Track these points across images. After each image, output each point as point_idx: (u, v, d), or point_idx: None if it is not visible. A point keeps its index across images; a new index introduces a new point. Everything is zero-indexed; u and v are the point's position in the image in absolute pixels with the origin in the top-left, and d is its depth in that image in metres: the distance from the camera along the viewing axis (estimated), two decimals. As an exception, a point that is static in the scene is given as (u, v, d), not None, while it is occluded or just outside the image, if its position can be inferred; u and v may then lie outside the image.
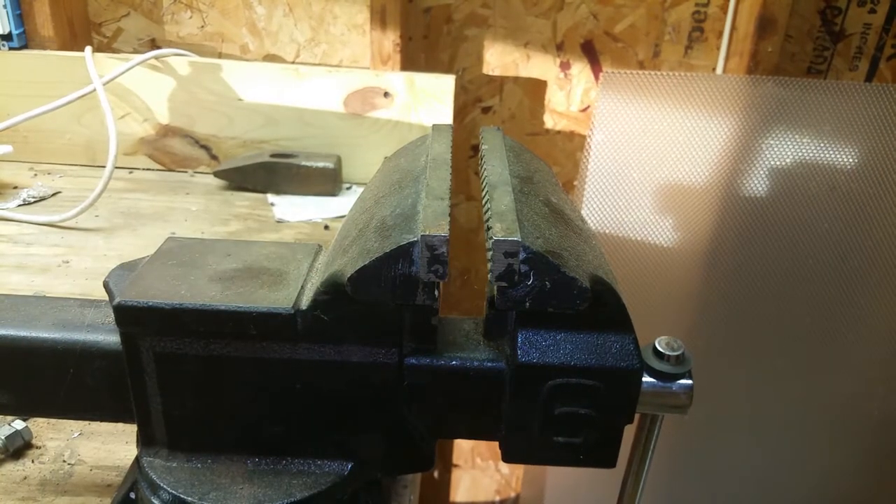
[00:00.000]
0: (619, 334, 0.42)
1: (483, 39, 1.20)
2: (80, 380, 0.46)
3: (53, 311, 0.47)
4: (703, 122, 1.14)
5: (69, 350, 0.45)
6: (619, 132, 1.16)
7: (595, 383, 0.42)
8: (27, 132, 1.10)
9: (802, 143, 1.14)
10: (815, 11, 1.15)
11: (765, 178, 1.17)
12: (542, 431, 0.44)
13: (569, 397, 0.42)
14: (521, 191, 0.45)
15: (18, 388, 0.48)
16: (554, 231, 0.42)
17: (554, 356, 0.42)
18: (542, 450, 0.44)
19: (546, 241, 0.40)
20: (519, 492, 1.64)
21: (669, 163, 1.17)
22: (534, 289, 0.39)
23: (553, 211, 0.45)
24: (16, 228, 0.94)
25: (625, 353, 0.42)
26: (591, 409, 0.43)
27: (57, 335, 0.45)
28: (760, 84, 1.12)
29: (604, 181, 1.19)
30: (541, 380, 0.42)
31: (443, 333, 0.45)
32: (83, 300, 0.49)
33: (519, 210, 0.41)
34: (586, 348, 0.42)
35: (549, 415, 0.43)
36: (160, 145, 1.13)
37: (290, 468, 0.46)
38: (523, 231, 0.39)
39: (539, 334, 0.42)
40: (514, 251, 0.38)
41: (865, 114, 1.12)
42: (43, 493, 0.54)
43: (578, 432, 0.44)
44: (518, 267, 0.38)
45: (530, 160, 0.52)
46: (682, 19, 1.17)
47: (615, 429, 0.44)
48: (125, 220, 0.99)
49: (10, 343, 0.45)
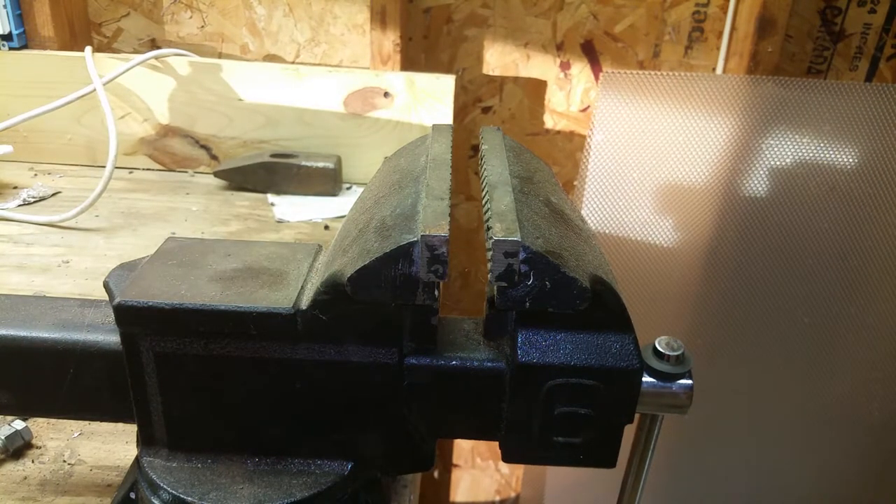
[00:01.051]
0: (618, 334, 0.42)
1: (483, 39, 1.21)
2: (81, 380, 0.46)
3: (54, 311, 0.47)
4: (703, 122, 1.14)
5: (69, 350, 0.45)
6: (619, 132, 1.16)
7: (595, 383, 0.42)
8: (27, 132, 1.11)
9: (802, 143, 1.14)
10: (815, 11, 1.15)
11: (765, 178, 1.17)
12: (542, 431, 0.44)
13: (569, 397, 0.42)
14: (522, 191, 0.45)
15: (19, 388, 0.48)
16: (554, 231, 0.42)
17: (554, 356, 0.42)
18: (541, 450, 0.44)
19: (546, 242, 0.40)
20: (519, 492, 1.64)
21: (669, 163, 1.17)
22: (534, 289, 0.39)
23: (553, 211, 0.45)
24: (16, 228, 0.94)
25: (625, 353, 0.42)
26: (591, 409, 0.43)
27: (57, 335, 0.45)
28: (760, 84, 1.12)
29: (604, 181, 1.19)
30: (541, 380, 0.42)
31: (443, 333, 0.45)
32: (83, 300, 0.49)
33: (519, 210, 0.41)
34: (586, 348, 0.42)
35: (549, 415, 0.43)
36: (160, 145, 1.13)
37: (291, 468, 0.46)
38: (523, 231, 0.39)
39: (539, 334, 0.42)
40: (514, 251, 0.38)
41: (865, 114, 1.12)
42: (43, 493, 0.54)
43: (578, 432, 0.44)
44: (518, 267, 0.38)
45: (530, 160, 0.52)
46: (682, 19, 1.17)
47: (615, 429, 0.44)
48: (125, 220, 0.99)
49: (11, 343, 0.45)
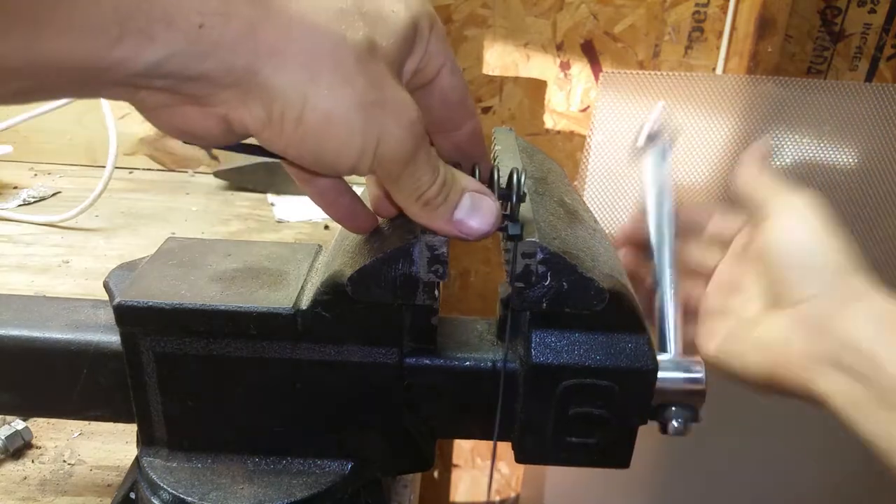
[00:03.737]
0: (633, 334, 0.42)
1: (483, 39, 1.20)
2: (94, 380, 0.46)
3: (67, 311, 0.47)
4: (703, 122, 1.14)
5: (83, 351, 0.45)
6: (619, 132, 1.16)
7: (609, 384, 0.42)
8: (27, 132, 1.10)
9: (802, 143, 1.14)
10: (815, 11, 1.15)
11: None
12: (556, 432, 0.44)
13: (583, 398, 0.42)
14: (536, 191, 0.45)
15: (31, 389, 0.48)
16: (570, 232, 0.42)
17: (568, 356, 0.41)
18: (555, 450, 0.44)
19: (563, 242, 0.40)
20: (519, 492, 1.64)
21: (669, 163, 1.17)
22: (551, 289, 0.39)
23: (568, 211, 0.45)
24: (16, 228, 0.94)
25: (639, 354, 0.42)
26: (605, 410, 0.43)
27: (71, 336, 0.45)
28: (760, 84, 1.12)
29: (604, 181, 1.19)
30: (555, 380, 0.42)
31: (455, 334, 0.45)
32: (96, 301, 0.48)
33: (535, 211, 0.41)
34: (600, 349, 0.42)
35: (563, 415, 0.43)
36: (160, 145, 1.13)
37: (291, 468, 0.46)
38: (540, 232, 0.39)
39: (553, 335, 0.42)
40: (531, 252, 0.38)
41: (865, 114, 1.12)
42: (43, 493, 0.54)
43: (593, 433, 0.44)
44: (535, 268, 0.38)
45: (543, 160, 0.52)
46: (682, 19, 1.17)
47: (629, 429, 0.44)
48: (125, 220, 0.99)
49: (25, 344, 0.45)
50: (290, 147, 0.32)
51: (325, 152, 0.32)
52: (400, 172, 0.34)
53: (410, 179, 0.34)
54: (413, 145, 0.33)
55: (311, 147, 0.32)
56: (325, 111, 0.31)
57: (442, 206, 0.36)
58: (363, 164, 0.33)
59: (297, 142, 0.32)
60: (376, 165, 0.33)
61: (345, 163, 0.32)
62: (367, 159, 0.32)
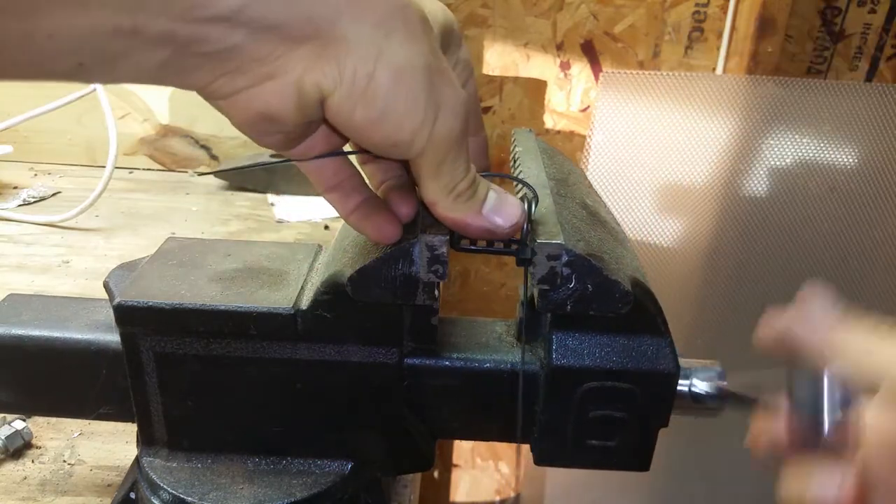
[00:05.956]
0: (654, 337, 0.41)
1: (483, 39, 1.20)
2: (113, 380, 0.46)
3: (86, 311, 0.47)
4: (703, 122, 1.14)
5: (102, 351, 0.45)
6: (619, 132, 1.16)
7: (630, 387, 0.42)
8: (27, 132, 1.10)
9: (802, 143, 1.14)
10: (815, 11, 1.15)
11: (765, 178, 1.17)
12: (576, 434, 0.43)
13: (603, 400, 0.42)
14: (559, 193, 0.44)
15: (52, 390, 0.48)
16: (593, 234, 0.42)
17: (589, 359, 0.41)
18: (575, 453, 0.44)
19: (587, 244, 0.39)
20: (519, 492, 1.64)
21: (669, 163, 1.17)
22: (575, 292, 0.38)
23: (590, 213, 0.44)
24: (16, 228, 0.94)
25: (661, 356, 0.41)
26: (626, 413, 0.43)
27: (91, 336, 0.45)
28: (760, 84, 1.12)
29: (604, 181, 1.19)
30: (576, 383, 0.42)
31: (474, 335, 0.45)
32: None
33: (559, 213, 0.41)
34: (622, 351, 0.41)
35: (584, 418, 0.43)
36: (160, 145, 1.13)
37: (291, 468, 0.46)
38: (565, 234, 0.38)
39: (574, 337, 0.41)
40: (556, 254, 0.37)
41: (865, 114, 1.12)
42: (43, 493, 0.54)
43: (613, 436, 0.43)
44: (560, 270, 0.38)
45: (563, 162, 0.52)
46: (682, 19, 1.17)
47: (650, 432, 0.44)
48: (125, 220, 0.99)
49: (45, 344, 0.45)
50: (358, 109, 0.32)
51: (390, 115, 0.32)
52: (445, 156, 0.34)
53: (451, 166, 0.34)
54: (462, 127, 0.34)
55: (379, 108, 0.32)
56: (397, 67, 0.31)
57: (471, 200, 0.36)
58: (420, 138, 0.33)
59: (365, 103, 0.31)
60: (429, 144, 0.33)
61: (407, 130, 0.32)
62: (425, 131, 0.32)
